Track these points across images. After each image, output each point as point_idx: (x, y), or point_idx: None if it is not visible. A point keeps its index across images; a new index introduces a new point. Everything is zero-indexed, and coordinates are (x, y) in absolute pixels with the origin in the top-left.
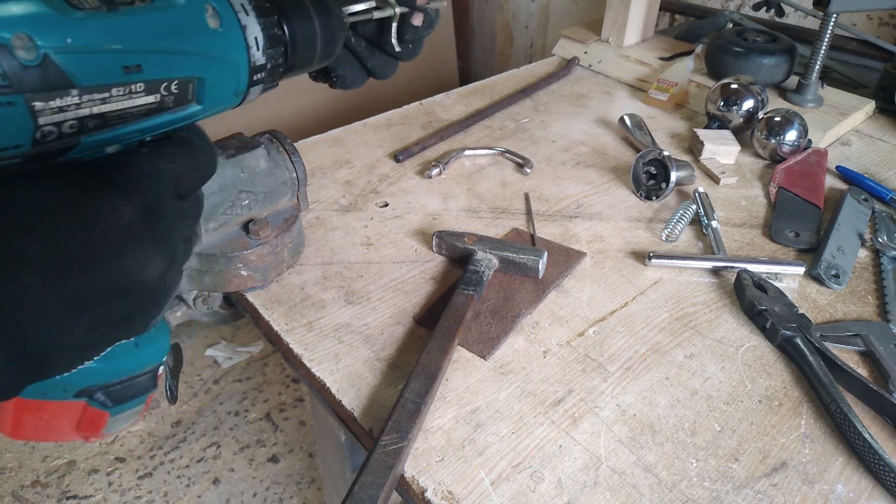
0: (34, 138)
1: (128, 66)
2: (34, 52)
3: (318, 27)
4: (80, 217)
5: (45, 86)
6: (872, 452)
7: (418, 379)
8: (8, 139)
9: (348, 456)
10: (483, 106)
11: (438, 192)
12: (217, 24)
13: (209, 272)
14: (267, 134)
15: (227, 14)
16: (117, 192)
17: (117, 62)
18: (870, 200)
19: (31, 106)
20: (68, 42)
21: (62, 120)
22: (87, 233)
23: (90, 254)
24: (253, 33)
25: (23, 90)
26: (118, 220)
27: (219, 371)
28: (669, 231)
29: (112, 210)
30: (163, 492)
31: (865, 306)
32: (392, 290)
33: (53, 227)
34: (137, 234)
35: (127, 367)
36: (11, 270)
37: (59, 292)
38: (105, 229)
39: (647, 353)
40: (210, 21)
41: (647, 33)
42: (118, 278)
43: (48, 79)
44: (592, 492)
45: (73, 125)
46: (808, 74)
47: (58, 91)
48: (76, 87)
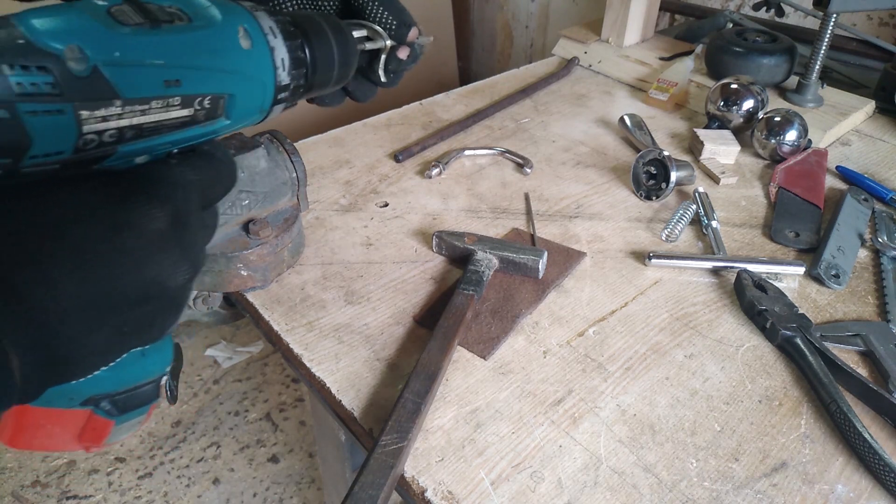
0: (76, 146)
1: (168, 81)
2: (84, 63)
3: (336, 51)
4: (113, 223)
5: (93, 96)
6: (872, 452)
7: (418, 379)
8: (52, 145)
9: (348, 456)
10: (483, 106)
11: (438, 192)
12: (249, 45)
13: (209, 272)
14: (267, 134)
15: (257, 36)
16: (149, 201)
17: (159, 76)
18: (870, 200)
19: (78, 115)
20: (116, 55)
21: (104, 129)
22: (119, 238)
23: (121, 259)
24: (280, 55)
25: (72, 99)
26: (150, 227)
27: (219, 371)
28: (669, 231)
29: (144, 217)
30: (163, 492)
31: (865, 306)
32: (392, 290)
33: (86, 231)
34: (167, 241)
35: (133, 376)
36: (43, 272)
37: (89, 296)
38: (137, 236)
39: (647, 353)
40: (242, 42)
41: (647, 33)
42: (146, 284)
43: (96, 89)
44: (592, 492)
45: (112, 134)
46: (808, 74)
47: (103, 101)
48: (120, 99)
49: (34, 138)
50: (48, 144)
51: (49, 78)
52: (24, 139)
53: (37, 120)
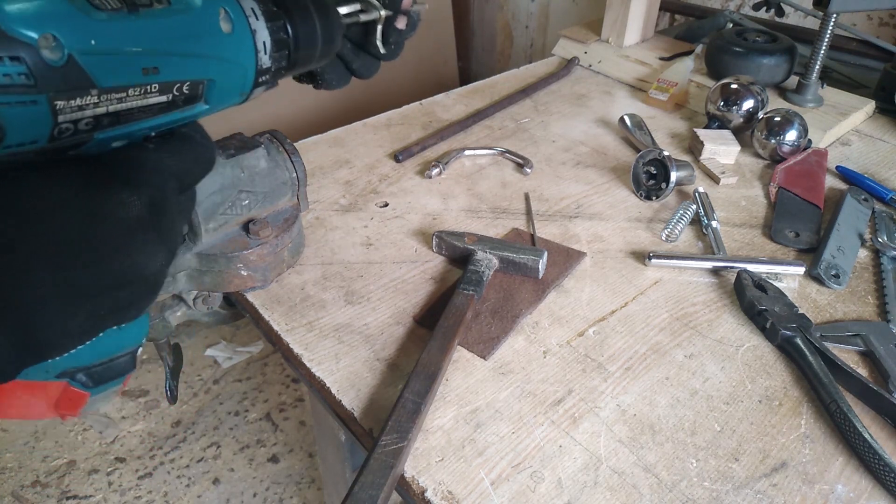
0: (51, 135)
1: (146, 69)
2: (59, 52)
3: (320, 29)
4: (89, 210)
5: (68, 86)
6: (872, 452)
7: (418, 379)
8: (26, 136)
9: (348, 456)
10: (483, 106)
11: (438, 192)
12: (229, 29)
13: (209, 272)
14: (267, 134)
15: (238, 19)
16: (126, 187)
17: (137, 64)
18: (870, 200)
19: (52, 105)
20: (92, 44)
21: (79, 118)
22: (95, 226)
23: (97, 246)
24: (262, 38)
25: (47, 90)
26: (126, 214)
27: (219, 371)
28: (669, 231)
29: (120, 205)
30: (163, 492)
31: (865, 306)
32: (392, 290)
33: (63, 219)
34: (144, 228)
35: (109, 349)
36: (20, 261)
37: (65, 283)
38: (113, 223)
39: (647, 353)
40: (223, 25)
41: (647, 33)
42: (123, 270)
43: (71, 79)
44: (592, 492)
45: (88, 122)
46: (808, 74)
47: (79, 91)
48: (96, 88)
49: (7, 129)
50: (22, 134)
51: (22, 68)
52: None
53: (10, 111)
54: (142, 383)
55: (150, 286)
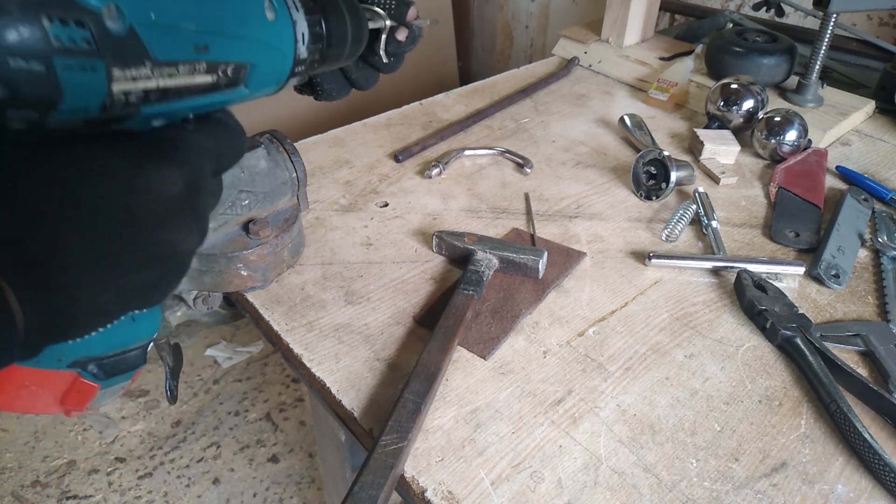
0: (103, 103)
1: (198, 46)
2: (121, 22)
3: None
4: (130, 184)
5: (126, 56)
6: (872, 452)
7: (418, 379)
8: (80, 102)
9: (348, 456)
10: (483, 106)
11: (438, 192)
12: (273, 17)
13: (209, 272)
14: (267, 134)
15: (282, 8)
16: (168, 164)
17: (190, 40)
18: (870, 200)
19: (109, 73)
20: (151, 17)
21: (131, 90)
22: (136, 200)
23: (135, 221)
24: (301, 29)
25: (107, 57)
26: (167, 190)
27: (219, 371)
28: (669, 231)
29: (162, 180)
30: (163, 492)
31: (865, 306)
32: (392, 290)
33: (102, 191)
34: (182, 206)
35: (122, 340)
36: (57, 230)
37: (99, 256)
38: (154, 197)
39: (647, 353)
40: (268, 13)
41: (647, 33)
42: (158, 248)
43: (130, 49)
44: (592, 492)
45: (139, 95)
46: (808, 74)
47: (135, 61)
48: (151, 60)
49: (65, 94)
50: (76, 101)
51: (87, 34)
52: (56, 94)
53: (70, 76)
54: (142, 383)
55: (178, 267)
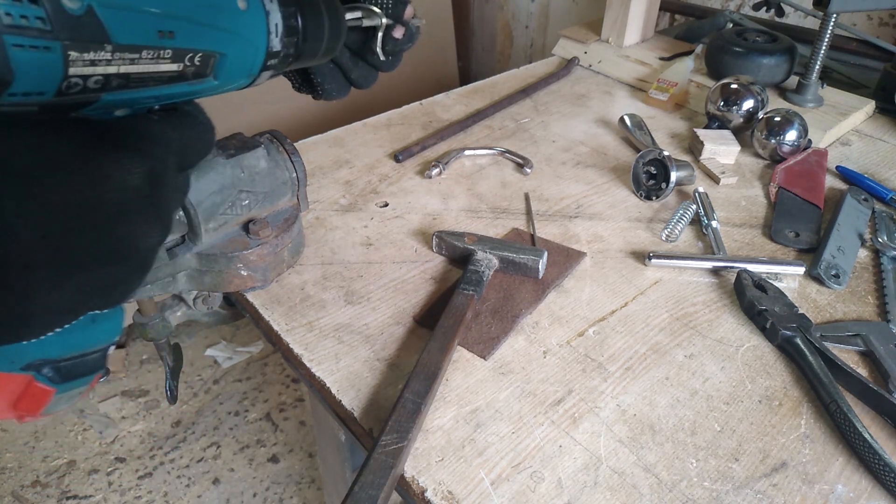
0: (59, 88)
1: (162, 31)
2: (79, 1)
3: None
4: (88, 175)
5: (84, 37)
6: (872, 452)
7: (418, 379)
8: (35, 84)
9: (348, 456)
10: (483, 106)
11: (438, 192)
12: (245, 6)
13: (209, 272)
14: (267, 134)
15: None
16: (128, 154)
17: (153, 25)
18: (870, 200)
19: (66, 55)
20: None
21: (90, 74)
22: (94, 191)
23: (93, 214)
24: (274, 20)
25: (62, 38)
26: (126, 181)
27: (219, 371)
28: (669, 231)
29: (122, 171)
30: (163, 492)
31: (865, 306)
32: (392, 290)
33: (59, 180)
34: (143, 199)
35: (81, 343)
36: (8, 222)
37: (55, 250)
38: (112, 189)
39: (647, 353)
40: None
41: (647, 33)
42: (117, 242)
43: (88, 30)
44: (592, 492)
45: (98, 80)
46: (808, 74)
47: (94, 44)
48: (111, 44)
49: (17, 74)
50: (30, 83)
51: (40, 12)
52: (7, 74)
53: (22, 54)
54: (142, 383)
55: (140, 265)
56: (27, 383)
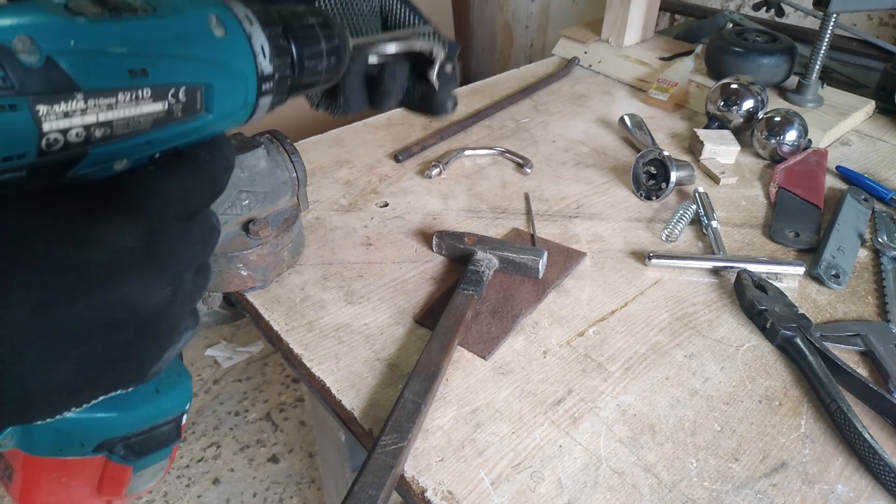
0: (39, 147)
1: (133, 70)
2: (36, 54)
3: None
4: (75, 238)
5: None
6: (872, 452)
7: (418, 379)
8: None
9: (348, 456)
10: (483, 106)
11: (438, 192)
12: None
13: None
14: (267, 134)
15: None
16: (121, 213)
17: (122, 65)
18: (870, 200)
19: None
20: (71, 44)
21: (68, 127)
22: (82, 255)
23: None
24: (258, 41)
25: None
26: (118, 242)
27: (219, 371)
28: (669, 231)
29: (112, 231)
30: (163, 492)
31: (865, 306)
32: (392, 290)
33: (47, 248)
34: (139, 257)
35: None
36: None
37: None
38: (104, 252)
39: (647, 353)
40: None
41: (647, 33)
42: (112, 306)
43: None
44: (592, 492)
45: (79, 133)
46: (808, 74)
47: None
48: (81, 91)
49: None
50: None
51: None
52: None
53: None
54: None
55: (149, 329)
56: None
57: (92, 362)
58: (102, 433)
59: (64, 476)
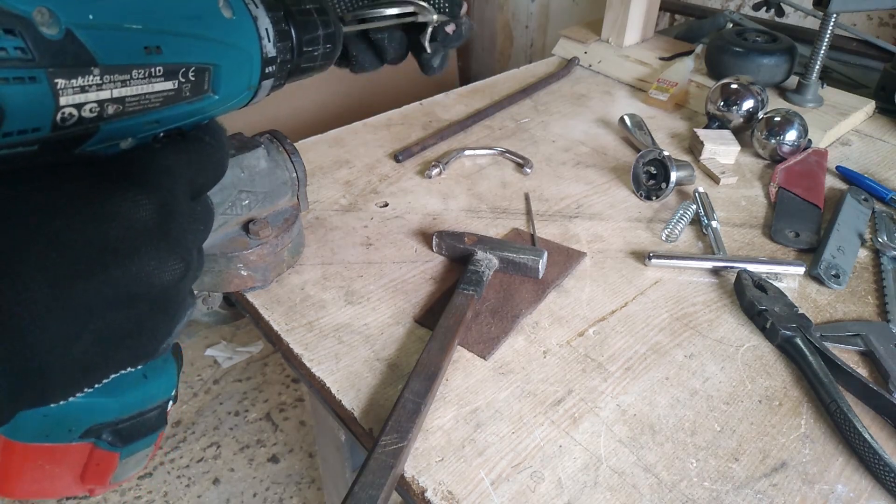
0: (54, 121)
1: (148, 47)
2: (56, 26)
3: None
4: (92, 212)
5: (68, 61)
6: (872, 452)
7: (418, 379)
8: (29, 120)
9: (348, 456)
10: (483, 106)
11: (438, 192)
12: (230, 14)
13: (209, 272)
14: (267, 134)
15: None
16: (134, 187)
17: (138, 42)
18: (870, 200)
19: (53, 83)
20: (90, 18)
21: (83, 101)
22: (101, 230)
23: (101, 253)
24: (263, 25)
25: (45, 65)
26: (133, 217)
27: (219, 371)
28: (669, 231)
29: (127, 205)
30: (163, 492)
31: (865, 306)
32: (392, 290)
33: (64, 223)
34: (154, 233)
35: (136, 402)
36: (14, 270)
37: (65, 297)
38: (120, 226)
39: (647, 353)
40: (224, 11)
41: (647, 33)
42: (130, 281)
43: (71, 54)
44: (592, 492)
45: (93, 108)
46: (808, 74)
47: (80, 68)
48: (98, 66)
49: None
50: (23, 118)
51: (18, 42)
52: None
53: (8, 89)
54: None
55: (163, 305)
56: (89, 451)
57: (108, 338)
58: (91, 418)
59: (48, 463)
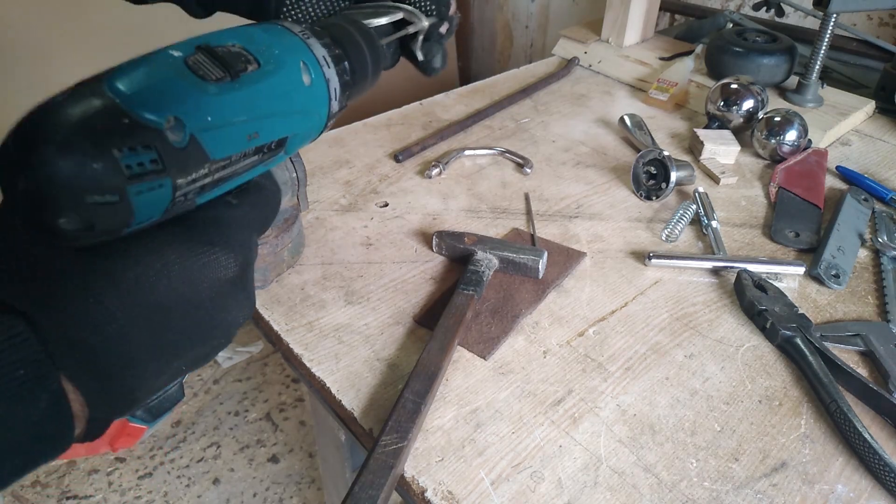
0: (166, 209)
1: (250, 135)
2: (181, 133)
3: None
4: (188, 275)
5: (189, 165)
6: (872, 452)
7: (418, 379)
8: (147, 215)
9: (348, 456)
10: (483, 106)
11: (438, 192)
12: (309, 81)
13: None
14: None
15: (315, 69)
16: (220, 249)
17: (243, 132)
18: (870, 200)
19: (175, 184)
20: (209, 120)
21: (191, 190)
22: (194, 291)
23: (195, 312)
24: (333, 85)
25: (172, 173)
26: (224, 277)
27: (219, 371)
28: (669, 231)
29: (216, 267)
30: (163, 492)
31: (865, 306)
32: (392, 290)
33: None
34: (235, 285)
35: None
36: (123, 329)
37: (162, 346)
38: (209, 286)
39: (647, 353)
40: (304, 78)
41: (647, 33)
42: (213, 329)
43: (192, 157)
44: (592, 492)
45: (196, 191)
46: (808, 74)
47: (197, 167)
48: (209, 161)
49: (136, 215)
50: (144, 215)
51: (153, 154)
52: (129, 218)
53: (141, 198)
54: None
55: (230, 338)
56: (122, 426)
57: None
58: None
59: None
